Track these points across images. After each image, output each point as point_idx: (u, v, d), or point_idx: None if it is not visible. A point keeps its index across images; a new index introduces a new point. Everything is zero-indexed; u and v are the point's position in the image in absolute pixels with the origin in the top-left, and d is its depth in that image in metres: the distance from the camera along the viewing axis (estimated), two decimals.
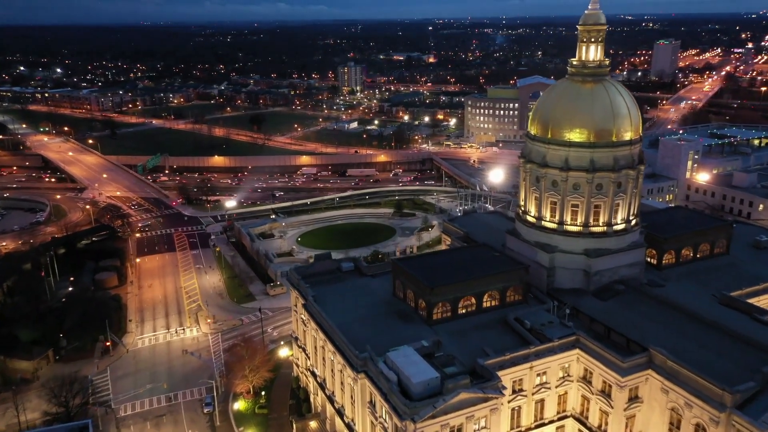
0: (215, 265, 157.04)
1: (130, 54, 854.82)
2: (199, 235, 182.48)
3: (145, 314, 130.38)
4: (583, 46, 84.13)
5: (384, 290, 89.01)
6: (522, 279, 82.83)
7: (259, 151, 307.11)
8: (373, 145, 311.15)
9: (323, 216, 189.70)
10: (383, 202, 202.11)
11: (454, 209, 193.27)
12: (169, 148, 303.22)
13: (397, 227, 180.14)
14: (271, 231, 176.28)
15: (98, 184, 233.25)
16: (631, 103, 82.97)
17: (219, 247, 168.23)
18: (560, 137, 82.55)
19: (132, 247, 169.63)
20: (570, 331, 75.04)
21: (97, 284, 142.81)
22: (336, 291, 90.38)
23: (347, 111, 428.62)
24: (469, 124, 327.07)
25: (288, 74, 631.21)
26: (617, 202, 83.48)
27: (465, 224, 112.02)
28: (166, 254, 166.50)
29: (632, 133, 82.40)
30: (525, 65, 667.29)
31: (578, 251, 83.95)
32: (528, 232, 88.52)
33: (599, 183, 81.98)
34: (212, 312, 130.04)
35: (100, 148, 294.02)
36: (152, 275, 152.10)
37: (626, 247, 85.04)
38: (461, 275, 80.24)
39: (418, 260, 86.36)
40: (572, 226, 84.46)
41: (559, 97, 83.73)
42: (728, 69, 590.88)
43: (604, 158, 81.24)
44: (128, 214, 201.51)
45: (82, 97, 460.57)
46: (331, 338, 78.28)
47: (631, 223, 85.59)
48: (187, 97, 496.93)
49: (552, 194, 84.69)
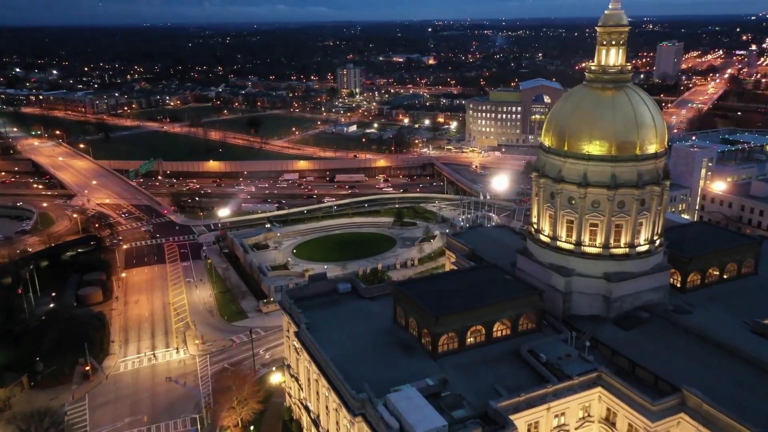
0: (206, 279, 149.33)
1: (128, 55, 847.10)
2: (190, 245, 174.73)
3: (130, 334, 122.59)
4: (603, 50, 76.63)
5: (384, 315, 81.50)
6: (536, 306, 75.28)
7: (256, 156, 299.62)
8: (372, 149, 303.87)
9: (320, 225, 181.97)
10: (383, 210, 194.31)
11: (456, 218, 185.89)
12: (163, 152, 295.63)
13: (397, 237, 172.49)
14: (266, 241, 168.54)
15: (88, 190, 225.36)
16: (656, 111, 75.49)
17: (211, 259, 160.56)
18: (578, 150, 75.02)
19: (119, 259, 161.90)
20: (591, 366, 67.48)
21: (81, 300, 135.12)
22: (331, 316, 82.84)
23: (346, 114, 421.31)
24: (470, 127, 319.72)
25: (286, 76, 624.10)
26: (640, 221, 75.97)
27: (470, 240, 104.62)
28: (156, 266, 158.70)
29: (657, 145, 74.90)
30: (526, 67, 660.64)
31: (597, 275, 76.43)
32: (541, 253, 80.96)
33: (621, 200, 74.48)
34: (201, 331, 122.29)
35: (91, 152, 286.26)
36: (139, 289, 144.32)
37: (650, 270, 77.53)
38: (469, 302, 72.67)
39: (421, 284, 78.79)
40: (591, 247, 76.92)
41: (576, 106, 76.17)
42: (732, 71, 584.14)
43: (626, 173, 73.74)
44: (117, 223, 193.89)
45: (76, 100, 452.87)
46: (326, 373, 70.66)
47: (655, 243, 78.08)
48: (183, 99, 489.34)
49: (568, 212, 77.15)
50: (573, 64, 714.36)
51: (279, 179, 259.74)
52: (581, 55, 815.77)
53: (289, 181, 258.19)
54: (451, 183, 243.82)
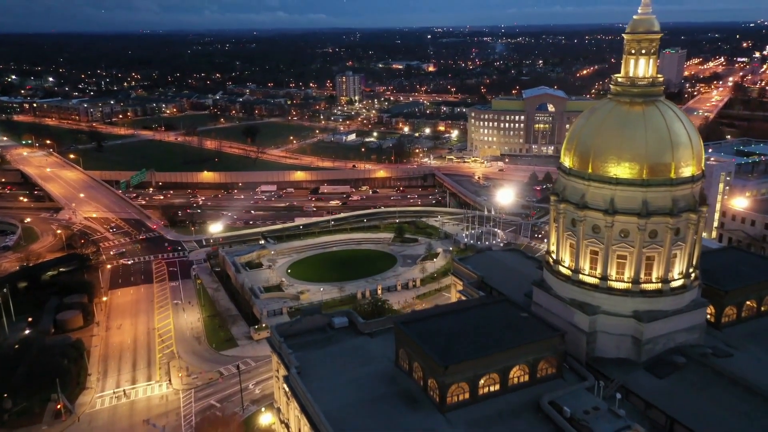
0: (195, 301, 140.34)
1: (125, 62, 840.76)
2: (180, 263, 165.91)
3: (110, 364, 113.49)
4: (631, 60, 68.15)
5: (385, 357, 72.60)
6: (557, 349, 66.41)
7: (252, 166, 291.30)
8: (371, 159, 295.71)
9: (317, 242, 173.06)
10: (382, 225, 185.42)
11: (459, 233, 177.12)
12: (157, 162, 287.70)
13: (398, 255, 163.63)
14: (259, 260, 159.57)
15: (75, 203, 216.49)
16: (692, 129, 66.96)
17: (201, 279, 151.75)
18: (604, 172, 66.40)
19: (104, 279, 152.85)
20: (623, 423, 58.41)
21: (59, 326, 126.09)
22: (326, 357, 73.87)
23: (345, 122, 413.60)
24: (472, 136, 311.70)
25: (285, 83, 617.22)
26: (674, 252, 67.26)
27: (479, 266, 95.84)
28: (142, 287, 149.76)
29: (694, 167, 66.31)
30: (527, 74, 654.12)
31: (626, 313, 67.63)
32: (561, 287, 72.16)
33: (653, 229, 65.79)
34: (187, 361, 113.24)
35: (82, 162, 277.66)
36: (123, 313, 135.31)
37: (685, 307, 68.73)
38: (481, 347, 63.76)
39: (426, 324, 69.87)
40: (618, 281, 68.13)
41: (602, 123, 67.56)
42: (735, 79, 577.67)
43: (659, 199, 65.09)
44: (104, 239, 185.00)
45: (70, 108, 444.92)
46: (318, 430, 61.65)
47: (690, 277, 69.33)
48: (180, 107, 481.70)
49: (593, 242, 68.44)
50: (574, 71, 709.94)
51: (256, 191, 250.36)
52: (582, 63, 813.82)
53: (266, 194, 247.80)
54: (454, 195, 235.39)
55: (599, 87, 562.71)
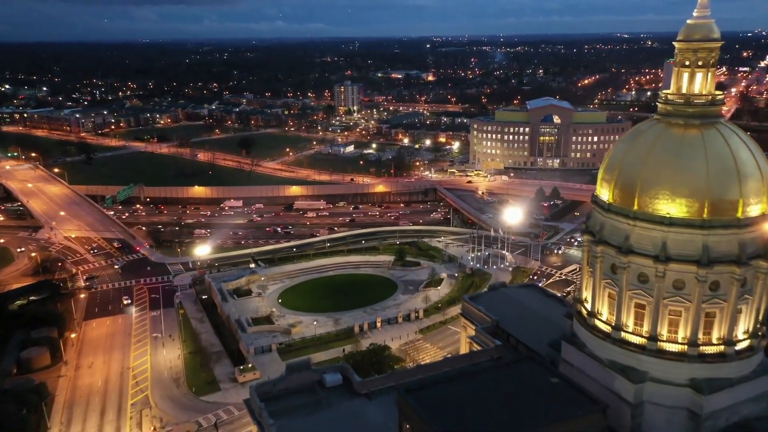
0: (177, 334, 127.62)
1: (122, 71, 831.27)
2: (163, 289, 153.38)
3: (75, 412, 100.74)
4: (685, 73, 56.46)
5: (386, 426, 60.22)
6: (598, 426, 54.04)
7: (246, 179, 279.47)
8: (370, 172, 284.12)
9: (311, 265, 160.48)
10: (382, 247, 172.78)
11: (465, 256, 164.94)
12: (148, 175, 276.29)
13: (398, 280, 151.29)
14: (249, 286, 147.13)
15: (56, 221, 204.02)
16: (761, 157, 55.07)
17: (184, 309, 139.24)
18: (654, 210, 54.45)
19: (78, 308, 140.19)
20: None
21: (23, 365, 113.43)
22: (315, 427, 61.53)
23: (343, 133, 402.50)
24: (474, 149, 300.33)
25: (283, 93, 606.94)
26: (740, 308, 55.18)
27: (492, 306, 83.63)
28: (120, 317, 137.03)
29: (765, 204, 54.37)
30: (528, 84, 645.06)
31: (681, 381, 55.47)
32: (598, 345, 59.97)
33: (715, 280, 53.78)
34: (162, 409, 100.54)
35: (67, 176, 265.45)
36: (96, 348, 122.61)
37: (752, 373, 56.62)
38: (505, 426, 51.42)
39: (437, 392, 57.56)
40: (671, 342, 55.99)
41: (650, 149, 55.55)
42: (739, 89, 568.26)
43: (723, 244, 53.12)
44: (84, 261, 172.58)
45: (61, 118, 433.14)
46: None
47: (758, 336, 57.20)
48: (174, 117, 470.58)
49: (639, 293, 56.35)
50: (575, 80, 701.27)
51: (221, 207, 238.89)
52: (582, 72, 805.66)
53: (234, 209, 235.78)
54: (457, 211, 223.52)
55: (602, 97, 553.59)
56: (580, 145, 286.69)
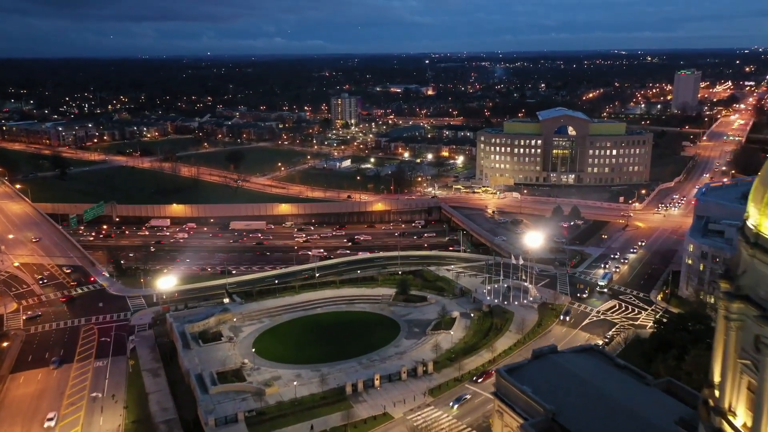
0: (122, 393, 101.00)
1: (116, 86, 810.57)
2: (117, 329, 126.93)
3: None
4: None
5: None
6: None
7: (232, 196, 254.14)
8: (368, 189, 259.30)
9: (296, 301, 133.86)
10: (381, 278, 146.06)
11: (479, 288, 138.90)
12: (125, 192, 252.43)
13: (401, 320, 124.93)
14: (218, 328, 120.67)
15: (5, 245, 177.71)
16: None
17: (135, 357, 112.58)
18: None
19: (9, 356, 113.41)
20: None
21: None
22: None
23: (339, 147, 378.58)
24: (481, 163, 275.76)
25: (278, 106, 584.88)
26: None
27: (541, 386, 57.80)
28: (56, 370, 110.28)
29: None
30: (532, 97, 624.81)
31: None
32: None
33: None
34: None
35: (31, 193, 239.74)
36: (15, 414, 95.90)
37: None
38: None
39: None
40: None
41: None
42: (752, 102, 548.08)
43: None
44: (30, 293, 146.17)
45: (41, 131, 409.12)
46: None
47: None
48: (162, 131, 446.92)
49: None
50: (579, 94, 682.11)
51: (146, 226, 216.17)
52: (585, 86, 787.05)
53: (156, 228, 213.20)
54: (465, 232, 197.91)
55: (610, 110, 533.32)
56: (597, 159, 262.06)
